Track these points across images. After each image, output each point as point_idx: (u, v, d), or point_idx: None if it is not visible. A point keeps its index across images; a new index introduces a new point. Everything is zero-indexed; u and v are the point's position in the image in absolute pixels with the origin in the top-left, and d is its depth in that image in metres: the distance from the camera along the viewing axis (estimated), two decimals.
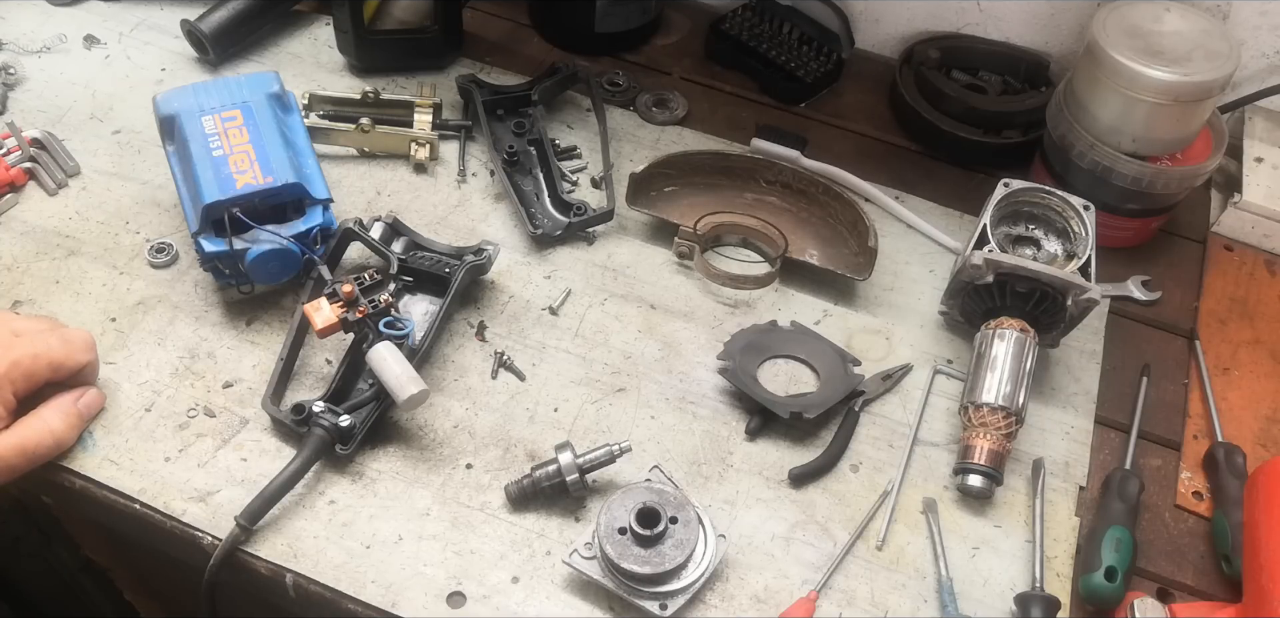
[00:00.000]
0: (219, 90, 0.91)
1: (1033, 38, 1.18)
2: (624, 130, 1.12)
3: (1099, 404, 0.92)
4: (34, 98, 1.07)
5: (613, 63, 1.21)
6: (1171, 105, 0.93)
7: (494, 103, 1.08)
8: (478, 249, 0.92)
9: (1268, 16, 1.07)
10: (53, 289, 0.91)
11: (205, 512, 0.77)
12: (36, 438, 0.76)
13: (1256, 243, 1.07)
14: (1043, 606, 0.76)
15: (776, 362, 0.92)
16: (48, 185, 0.98)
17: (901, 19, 1.22)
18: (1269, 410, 0.93)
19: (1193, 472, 0.88)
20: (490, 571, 0.76)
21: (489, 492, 0.81)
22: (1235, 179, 1.07)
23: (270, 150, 0.88)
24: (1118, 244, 1.04)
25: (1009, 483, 0.84)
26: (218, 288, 0.92)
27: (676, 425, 0.87)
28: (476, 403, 0.86)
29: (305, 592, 0.75)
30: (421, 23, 1.15)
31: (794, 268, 0.98)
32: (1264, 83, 1.10)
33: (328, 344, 0.88)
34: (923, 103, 1.14)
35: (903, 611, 0.77)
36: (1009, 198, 0.92)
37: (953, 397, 0.90)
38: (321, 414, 0.79)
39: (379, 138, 1.04)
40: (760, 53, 1.19)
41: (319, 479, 0.80)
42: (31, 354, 0.76)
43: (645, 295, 0.96)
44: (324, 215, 0.89)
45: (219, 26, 1.12)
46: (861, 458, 0.86)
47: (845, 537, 0.81)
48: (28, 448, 0.76)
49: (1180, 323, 1.00)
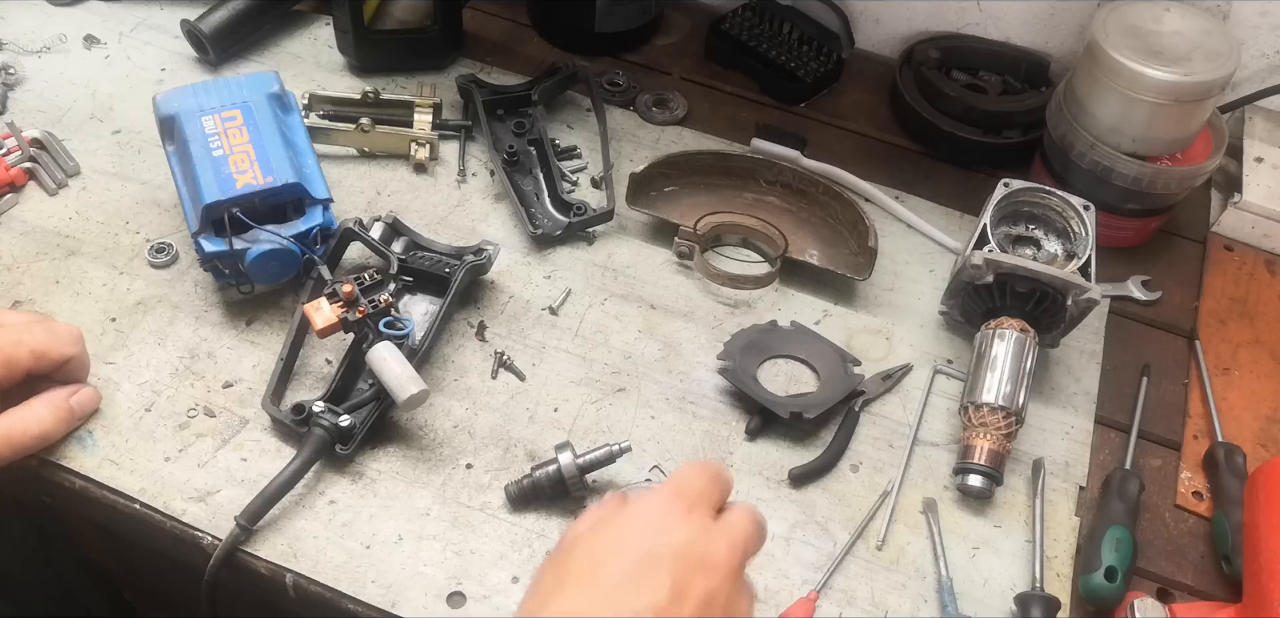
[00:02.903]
0: (219, 90, 0.91)
1: (1033, 38, 1.18)
2: (624, 130, 1.12)
3: (1099, 404, 0.92)
4: (34, 98, 1.07)
5: (613, 63, 1.21)
6: (1171, 105, 0.93)
7: (494, 103, 1.08)
8: (478, 249, 0.92)
9: (1268, 16, 1.07)
10: (53, 289, 0.91)
11: (205, 512, 0.77)
12: (22, 427, 0.76)
13: (1256, 243, 1.07)
14: (1043, 606, 0.76)
15: (776, 362, 0.92)
16: (48, 185, 0.98)
17: (901, 19, 1.22)
18: (1269, 410, 0.93)
19: (1193, 472, 0.88)
20: (490, 571, 0.76)
21: (489, 492, 0.81)
22: (1235, 179, 1.08)
23: (270, 150, 0.88)
24: (1118, 244, 1.04)
25: (1009, 483, 0.84)
26: (218, 288, 0.92)
27: (676, 425, 0.87)
28: (476, 403, 0.86)
29: (305, 592, 0.75)
30: (421, 23, 1.15)
31: (794, 268, 0.98)
32: (1264, 83, 1.10)
33: (328, 344, 0.88)
34: (923, 103, 1.14)
35: (903, 611, 0.77)
36: (1009, 198, 0.92)
37: (953, 397, 0.90)
38: (321, 414, 0.79)
39: (379, 138, 1.04)
40: (760, 53, 1.19)
41: (319, 479, 0.80)
42: (14, 341, 0.76)
43: (645, 295, 0.96)
44: (324, 215, 0.89)
45: (219, 26, 1.12)
46: (861, 458, 0.86)
47: (845, 537, 0.81)
48: (13, 437, 0.76)
49: (1180, 323, 1.00)
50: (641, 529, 0.59)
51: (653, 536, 0.58)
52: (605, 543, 0.59)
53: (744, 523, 0.61)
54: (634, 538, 0.58)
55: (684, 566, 0.57)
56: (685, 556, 0.57)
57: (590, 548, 0.59)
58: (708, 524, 0.59)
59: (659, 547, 0.57)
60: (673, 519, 0.59)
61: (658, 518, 0.59)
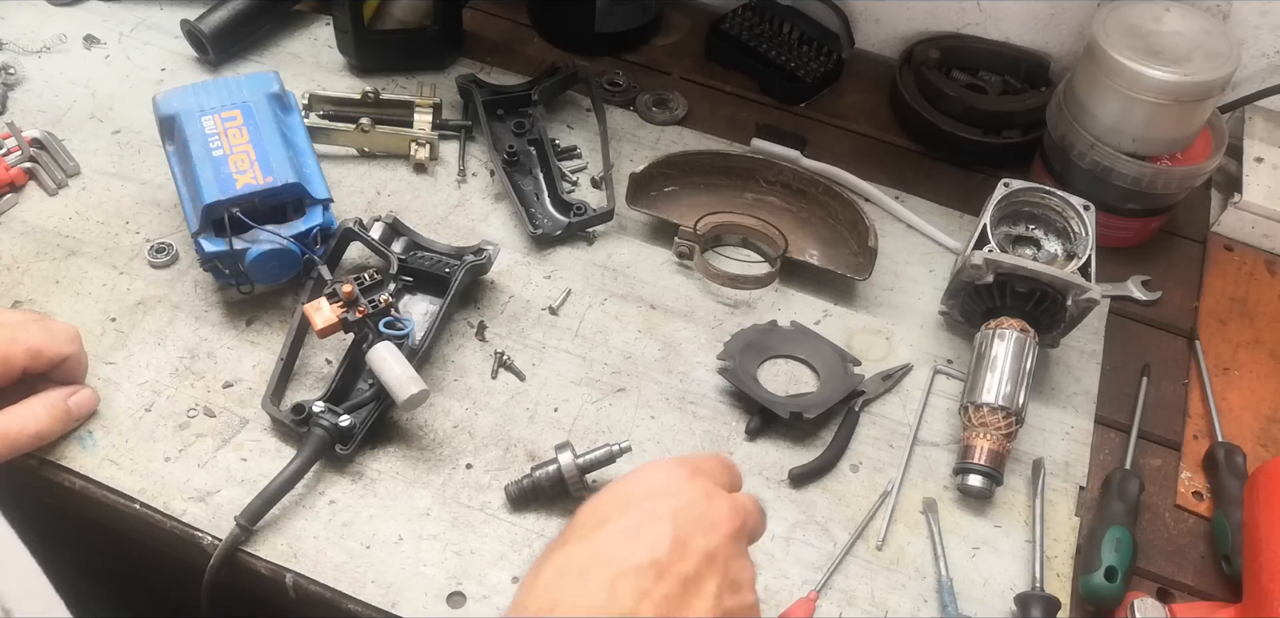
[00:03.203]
0: (219, 90, 0.91)
1: (1033, 38, 1.18)
2: (624, 130, 1.12)
3: (1099, 404, 0.92)
4: (34, 98, 1.07)
5: (613, 63, 1.21)
6: (1171, 105, 0.93)
7: (494, 103, 1.08)
8: (478, 249, 0.92)
9: (1268, 16, 1.07)
10: (53, 289, 0.91)
11: (205, 512, 0.77)
12: (19, 426, 0.76)
13: (1256, 243, 1.07)
14: (1043, 606, 0.76)
15: (776, 362, 0.92)
16: (48, 185, 0.98)
17: (901, 19, 1.22)
18: (1269, 410, 0.93)
19: (1193, 472, 0.88)
20: (490, 571, 0.76)
21: (489, 492, 0.81)
22: (1235, 179, 1.08)
23: (270, 150, 0.88)
24: (1118, 244, 1.04)
25: (1009, 483, 0.84)
26: (218, 288, 0.92)
27: (676, 425, 0.87)
28: (476, 403, 0.86)
29: (305, 592, 0.75)
30: (421, 23, 1.15)
31: (794, 268, 0.98)
32: (1264, 83, 1.10)
33: (328, 344, 0.87)
34: (923, 103, 1.14)
35: (903, 611, 0.77)
36: (1009, 198, 0.92)
37: (953, 397, 0.90)
38: (321, 414, 0.79)
39: (379, 138, 1.04)
40: (760, 53, 1.19)
41: (319, 479, 0.80)
42: (10, 339, 0.76)
43: (645, 295, 0.96)
44: (324, 215, 0.89)
45: (219, 26, 1.12)
46: (861, 458, 0.86)
47: (845, 537, 0.81)
48: (9, 436, 0.76)
49: (1180, 323, 1.00)
50: (645, 487, 0.60)
51: (656, 493, 0.59)
52: (609, 501, 0.60)
53: (748, 499, 0.62)
54: (637, 495, 0.59)
55: (685, 521, 0.57)
56: (687, 512, 0.57)
57: (594, 506, 0.60)
58: (712, 489, 0.60)
59: (660, 504, 0.58)
60: (678, 480, 0.59)
61: (663, 478, 0.60)
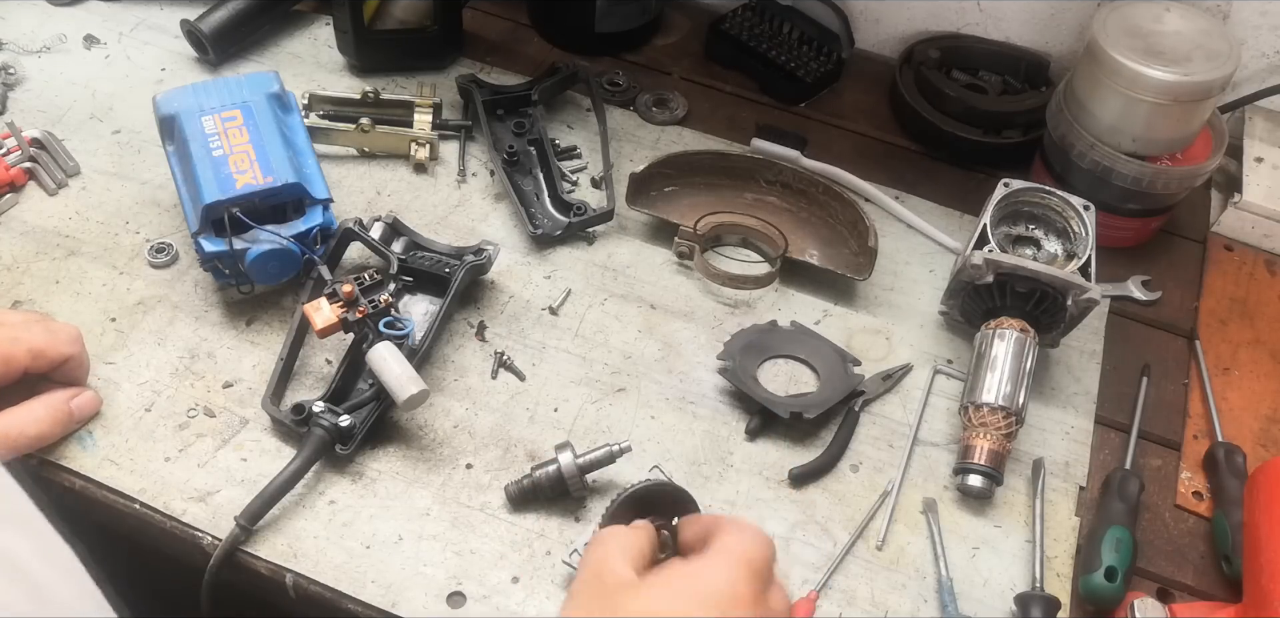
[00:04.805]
0: (219, 90, 0.91)
1: (1033, 38, 1.18)
2: (624, 130, 1.12)
3: (1099, 404, 0.92)
4: (34, 98, 1.07)
5: (613, 63, 1.20)
6: (1171, 105, 0.93)
7: (494, 103, 1.08)
8: (478, 249, 0.92)
9: (1268, 16, 1.07)
10: (53, 289, 0.91)
11: (205, 512, 0.77)
12: (20, 427, 0.76)
13: (1256, 243, 1.07)
14: (1043, 606, 0.76)
15: (776, 362, 0.92)
16: (48, 185, 0.98)
17: (901, 19, 1.22)
18: (1269, 410, 0.93)
19: (1193, 472, 0.88)
20: (490, 571, 0.76)
21: (489, 492, 0.81)
22: (1235, 179, 1.08)
23: (270, 150, 0.88)
24: (1118, 244, 1.04)
25: (1009, 483, 0.84)
26: (218, 288, 0.92)
27: (676, 425, 0.87)
28: (476, 403, 0.86)
29: (305, 592, 0.75)
30: (421, 23, 1.15)
31: (794, 268, 0.98)
32: (1264, 83, 1.10)
33: (328, 344, 0.87)
34: (923, 103, 1.14)
35: (903, 611, 0.77)
36: (1009, 198, 0.92)
37: (953, 397, 0.90)
38: (321, 414, 0.79)
39: (379, 138, 1.04)
40: (760, 53, 1.19)
41: (319, 479, 0.80)
42: (11, 339, 0.76)
43: (645, 295, 0.96)
44: (324, 215, 0.89)
45: (219, 26, 1.12)
46: (861, 458, 0.86)
47: (845, 537, 0.81)
48: (10, 436, 0.75)
49: (1180, 323, 1.00)
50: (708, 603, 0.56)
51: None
52: (668, 608, 0.56)
53: (786, 604, 0.61)
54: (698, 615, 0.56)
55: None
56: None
57: (649, 604, 0.56)
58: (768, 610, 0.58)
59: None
60: (744, 604, 0.56)
61: (730, 596, 0.57)
